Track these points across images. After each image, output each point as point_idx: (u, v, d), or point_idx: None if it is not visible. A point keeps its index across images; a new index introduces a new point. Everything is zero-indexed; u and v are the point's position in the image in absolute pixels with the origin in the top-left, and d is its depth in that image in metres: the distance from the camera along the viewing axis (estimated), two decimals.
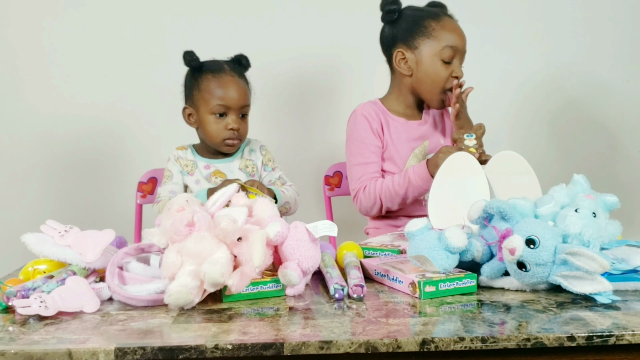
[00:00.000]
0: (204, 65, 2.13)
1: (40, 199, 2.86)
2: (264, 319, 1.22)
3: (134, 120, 2.87)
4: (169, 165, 2.17)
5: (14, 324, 1.22)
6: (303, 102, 2.94)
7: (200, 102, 2.10)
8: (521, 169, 1.75)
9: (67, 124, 2.85)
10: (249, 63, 2.20)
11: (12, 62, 2.83)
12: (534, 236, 1.29)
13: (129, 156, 2.87)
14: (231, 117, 2.09)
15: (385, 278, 1.45)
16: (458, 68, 2.10)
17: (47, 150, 2.86)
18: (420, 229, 1.41)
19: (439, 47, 2.08)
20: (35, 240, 1.44)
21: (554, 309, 1.24)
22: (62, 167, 2.87)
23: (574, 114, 2.99)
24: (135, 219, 2.39)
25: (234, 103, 2.09)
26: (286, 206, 2.11)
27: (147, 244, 1.46)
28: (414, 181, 2.01)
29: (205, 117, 2.09)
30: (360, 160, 2.14)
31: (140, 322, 1.22)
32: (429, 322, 1.18)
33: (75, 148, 2.86)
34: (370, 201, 2.11)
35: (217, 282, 1.27)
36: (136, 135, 2.87)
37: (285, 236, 1.38)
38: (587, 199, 1.40)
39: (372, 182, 2.11)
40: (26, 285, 1.31)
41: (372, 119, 2.16)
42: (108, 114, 2.86)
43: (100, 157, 2.88)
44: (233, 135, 2.10)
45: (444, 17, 2.12)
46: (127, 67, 2.85)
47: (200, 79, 2.11)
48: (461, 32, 2.11)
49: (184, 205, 1.40)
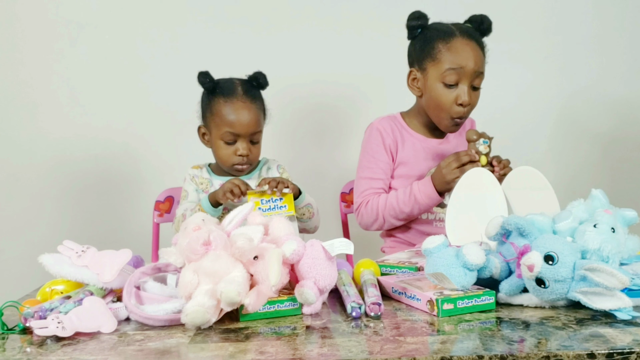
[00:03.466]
0: (217, 87, 2.11)
1: (57, 219, 2.88)
2: (281, 338, 1.22)
3: (150, 140, 2.89)
4: (185, 185, 2.17)
5: (31, 345, 1.23)
6: (319, 121, 2.95)
7: (212, 125, 2.10)
8: (539, 184, 1.74)
9: (83, 144, 2.87)
10: (267, 82, 2.16)
11: (27, 86, 2.86)
12: (552, 252, 1.28)
13: (146, 175, 2.88)
14: (241, 143, 2.07)
15: (402, 296, 1.44)
16: (464, 93, 1.99)
17: (64, 172, 2.87)
18: (437, 246, 1.41)
19: (441, 70, 2.00)
20: (53, 261, 1.44)
21: (574, 325, 1.23)
22: (79, 188, 2.88)
23: (593, 130, 2.98)
24: (153, 238, 2.38)
25: (244, 130, 2.07)
26: (309, 208, 2.10)
27: (164, 263, 1.46)
28: (419, 199, 1.99)
29: (216, 141, 2.09)
30: (367, 174, 2.13)
31: (157, 342, 1.22)
32: (447, 340, 1.17)
33: (93, 168, 2.88)
34: (372, 217, 2.09)
35: (233, 301, 1.27)
36: (153, 155, 2.89)
37: (301, 254, 1.37)
38: (606, 214, 1.39)
39: (374, 197, 2.09)
40: (43, 306, 1.32)
41: (387, 135, 2.14)
42: (124, 133, 2.88)
43: (117, 177, 2.89)
44: (242, 161, 2.09)
45: (456, 37, 2.02)
46: (142, 87, 2.87)
47: (213, 101, 2.10)
48: (471, 53, 2.00)
49: (200, 224, 1.40)
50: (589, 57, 2.95)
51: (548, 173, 1.75)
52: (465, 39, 2.02)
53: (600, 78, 2.95)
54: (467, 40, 2.02)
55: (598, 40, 2.95)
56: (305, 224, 2.13)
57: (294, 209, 1.93)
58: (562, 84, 2.96)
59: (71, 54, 2.86)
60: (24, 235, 2.86)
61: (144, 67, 2.87)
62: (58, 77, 2.86)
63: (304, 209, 2.08)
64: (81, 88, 2.87)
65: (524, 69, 2.94)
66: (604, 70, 2.95)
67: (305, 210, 2.08)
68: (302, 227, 2.13)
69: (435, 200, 1.98)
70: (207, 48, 2.85)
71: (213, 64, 2.19)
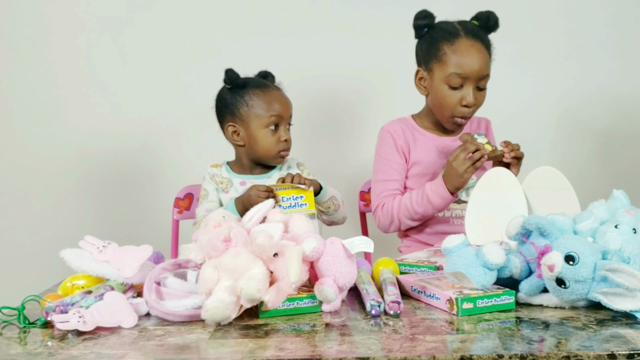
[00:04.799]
0: (249, 82, 2.13)
1: (78, 214, 2.90)
2: (300, 335, 1.22)
3: (171, 137, 2.89)
4: (205, 184, 2.17)
5: (52, 339, 1.24)
6: (335, 118, 2.95)
7: (250, 117, 2.09)
8: (559, 184, 1.73)
9: (104, 140, 2.88)
10: (274, 79, 2.21)
11: (51, 81, 2.87)
12: (573, 252, 1.27)
13: (166, 172, 2.89)
14: (283, 128, 2.10)
15: (422, 295, 1.44)
16: (469, 94, 2.00)
17: (85, 167, 2.89)
18: (457, 245, 1.40)
19: (446, 72, 2.01)
20: (74, 256, 1.45)
21: (594, 326, 1.22)
22: (99, 183, 2.90)
23: (613, 129, 2.96)
24: (172, 234, 2.39)
25: (286, 114, 2.11)
26: (334, 201, 2.10)
27: (184, 259, 1.47)
28: (432, 199, 1.99)
29: (259, 132, 2.09)
30: (382, 176, 2.14)
31: (177, 337, 1.23)
32: (466, 339, 1.17)
33: (113, 164, 2.90)
34: (388, 219, 2.10)
35: (253, 298, 1.27)
36: (173, 152, 2.90)
37: (321, 252, 1.37)
38: (627, 214, 1.38)
39: (390, 199, 2.10)
40: (65, 301, 1.33)
41: (398, 136, 2.15)
42: (145, 130, 2.89)
43: (137, 173, 2.90)
44: (286, 147, 2.12)
45: (461, 39, 2.01)
46: (164, 84, 2.88)
47: (247, 94, 2.10)
48: (475, 56, 2.00)
49: (221, 221, 1.40)
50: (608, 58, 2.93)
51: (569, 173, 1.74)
52: (470, 39, 2.02)
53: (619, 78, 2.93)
54: (472, 42, 2.01)
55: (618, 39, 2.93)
56: (333, 216, 2.13)
57: (314, 207, 1.92)
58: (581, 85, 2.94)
59: (95, 49, 2.87)
60: (45, 230, 2.88)
61: (165, 63, 2.87)
62: (82, 72, 2.87)
63: (329, 202, 2.08)
64: (103, 84, 2.88)
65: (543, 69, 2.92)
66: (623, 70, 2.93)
67: (330, 203, 2.08)
68: (330, 220, 2.15)
69: (447, 200, 1.98)
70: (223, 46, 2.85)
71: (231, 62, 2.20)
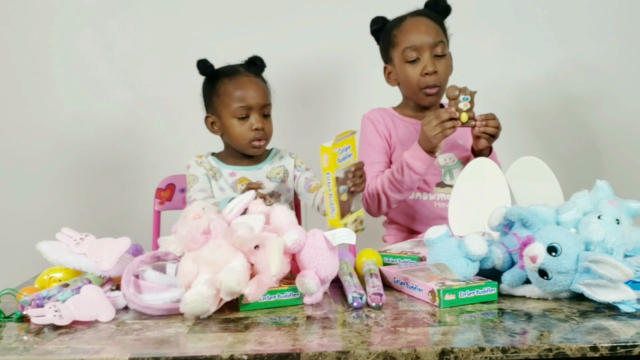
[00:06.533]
0: (220, 71, 2.12)
1: (57, 205, 2.86)
2: (281, 328, 1.21)
3: (152, 127, 2.86)
4: (192, 170, 2.13)
5: (28, 334, 1.22)
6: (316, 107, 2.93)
7: (221, 107, 2.09)
8: (543, 175, 1.72)
9: (84, 130, 2.85)
10: (264, 63, 2.19)
11: (32, 70, 2.84)
12: (555, 244, 1.26)
13: (147, 163, 2.86)
14: (254, 117, 2.07)
15: (404, 286, 1.43)
16: (427, 63, 2.08)
17: (65, 157, 2.86)
18: (440, 236, 1.39)
19: (400, 51, 2.11)
20: (51, 249, 1.43)
21: (577, 317, 1.22)
22: (79, 174, 2.86)
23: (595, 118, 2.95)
24: (154, 225, 2.38)
25: (254, 102, 2.07)
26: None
27: (163, 252, 1.45)
28: (412, 164, 1.98)
29: (228, 121, 2.07)
30: (365, 161, 2.13)
31: (155, 331, 1.21)
32: (448, 331, 1.16)
33: (93, 155, 2.86)
34: (375, 199, 2.10)
35: (233, 291, 1.26)
36: (155, 142, 2.87)
37: (302, 244, 1.36)
38: (611, 205, 1.38)
39: (373, 180, 2.10)
40: (41, 294, 1.31)
41: (377, 121, 2.19)
42: (126, 120, 2.86)
43: (118, 164, 2.87)
44: (259, 135, 2.07)
45: (407, 20, 2.14)
46: (145, 74, 2.85)
47: (217, 84, 2.09)
48: (422, 27, 2.10)
49: (200, 212, 1.39)
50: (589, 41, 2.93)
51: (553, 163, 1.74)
52: (414, 17, 2.15)
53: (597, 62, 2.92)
54: (417, 18, 2.15)
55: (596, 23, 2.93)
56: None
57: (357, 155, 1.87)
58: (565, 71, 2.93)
59: (78, 39, 2.83)
60: (22, 223, 2.84)
61: (146, 54, 2.85)
62: (63, 62, 2.84)
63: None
64: (85, 73, 2.84)
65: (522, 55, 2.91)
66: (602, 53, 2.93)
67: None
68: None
69: (426, 161, 1.97)
70: (208, 36, 2.82)
71: (216, 51, 2.18)
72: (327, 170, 1.72)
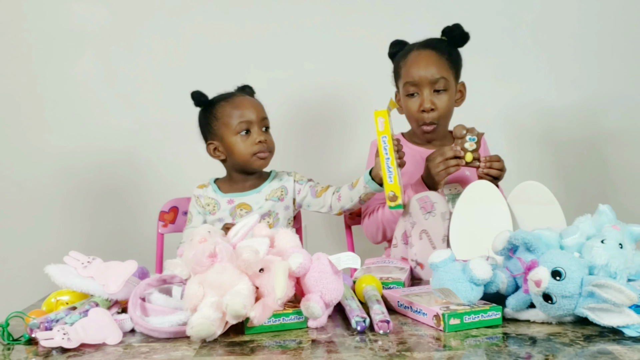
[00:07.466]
0: (214, 98, 2.17)
1: (63, 229, 2.88)
2: (286, 351, 1.21)
3: (155, 150, 2.89)
4: (190, 207, 2.21)
5: (37, 356, 1.23)
6: (319, 130, 2.96)
7: (222, 129, 2.11)
8: (544, 199, 1.73)
9: (88, 154, 2.87)
10: (253, 91, 2.24)
11: (35, 94, 2.86)
12: (560, 268, 1.27)
13: (151, 186, 2.88)
14: (255, 131, 2.10)
15: (408, 310, 1.44)
16: (425, 99, 2.09)
17: (70, 181, 2.87)
18: (444, 260, 1.40)
19: (402, 84, 2.15)
20: (59, 272, 1.44)
21: (581, 342, 1.22)
22: (84, 198, 2.88)
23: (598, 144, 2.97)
24: (157, 248, 2.38)
25: (254, 117, 2.10)
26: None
27: (169, 275, 1.46)
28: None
29: (231, 139, 2.10)
30: None
31: (162, 354, 1.22)
32: (454, 355, 1.17)
33: (97, 178, 2.88)
34: (374, 227, 2.13)
35: (239, 314, 1.26)
36: (158, 165, 2.89)
37: (307, 268, 1.37)
38: (613, 229, 1.38)
39: (376, 209, 2.13)
40: (49, 317, 1.31)
41: None
42: (129, 143, 2.88)
43: (121, 187, 2.89)
44: (262, 148, 2.10)
45: (412, 52, 2.14)
46: (148, 97, 2.87)
47: (215, 109, 2.13)
48: (423, 63, 2.10)
49: (206, 236, 1.40)
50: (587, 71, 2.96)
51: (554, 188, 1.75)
52: (420, 50, 2.14)
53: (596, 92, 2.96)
54: (421, 51, 2.13)
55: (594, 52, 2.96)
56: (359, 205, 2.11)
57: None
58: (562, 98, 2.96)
59: (79, 63, 2.87)
60: (28, 245, 2.86)
61: (148, 76, 2.87)
62: (66, 86, 2.87)
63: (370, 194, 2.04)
64: (86, 98, 2.87)
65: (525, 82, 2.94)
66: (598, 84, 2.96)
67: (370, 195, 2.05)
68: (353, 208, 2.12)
69: None
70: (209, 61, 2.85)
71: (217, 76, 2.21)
72: (383, 134, 1.75)
